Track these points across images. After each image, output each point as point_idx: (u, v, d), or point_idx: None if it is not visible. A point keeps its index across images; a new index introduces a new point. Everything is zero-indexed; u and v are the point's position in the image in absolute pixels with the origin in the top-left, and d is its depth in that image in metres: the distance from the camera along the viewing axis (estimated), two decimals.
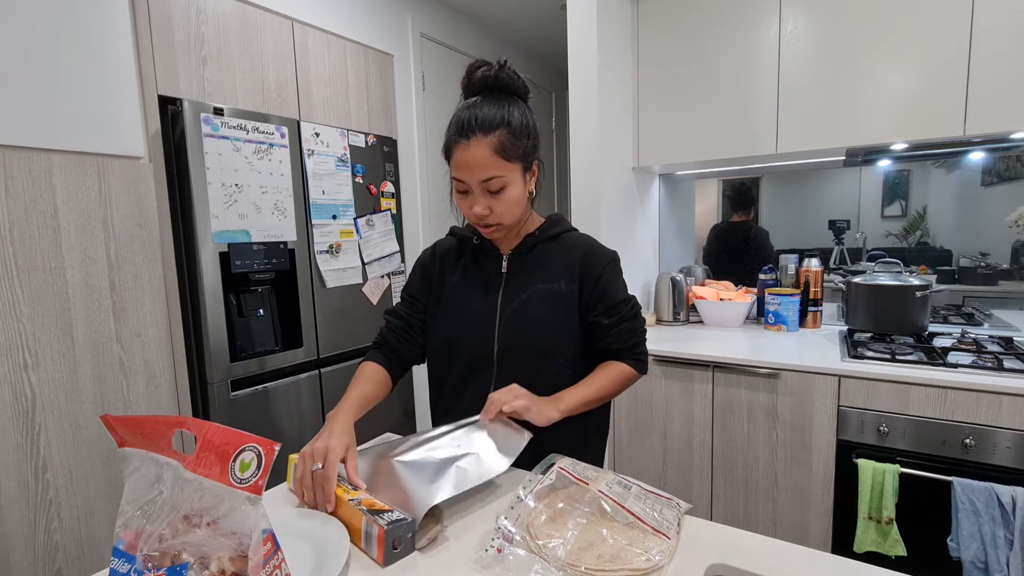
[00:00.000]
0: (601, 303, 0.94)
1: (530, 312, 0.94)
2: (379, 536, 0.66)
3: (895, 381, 1.40)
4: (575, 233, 1.01)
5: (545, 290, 0.94)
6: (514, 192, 0.88)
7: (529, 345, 0.93)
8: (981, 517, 1.26)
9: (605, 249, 0.99)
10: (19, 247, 1.25)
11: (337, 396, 1.99)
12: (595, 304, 0.94)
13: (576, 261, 0.96)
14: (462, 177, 0.87)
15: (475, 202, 0.87)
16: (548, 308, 0.94)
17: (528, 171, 0.91)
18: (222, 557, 0.52)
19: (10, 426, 1.25)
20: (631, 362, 0.97)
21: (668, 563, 0.65)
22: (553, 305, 0.94)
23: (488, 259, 1.00)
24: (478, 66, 0.90)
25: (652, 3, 1.98)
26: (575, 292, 0.95)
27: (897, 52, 1.59)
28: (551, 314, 0.94)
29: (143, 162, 1.48)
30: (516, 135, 0.86)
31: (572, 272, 0.95)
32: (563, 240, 0.98)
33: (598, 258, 0.96)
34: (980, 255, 1.80)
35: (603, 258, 0.96)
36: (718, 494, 1.71)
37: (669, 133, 2.01)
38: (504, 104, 0.87)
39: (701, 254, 2.37)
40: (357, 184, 2.03)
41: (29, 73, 1.25)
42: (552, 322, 0.94)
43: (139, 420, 0.54)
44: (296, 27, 1.89)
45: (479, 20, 2.84)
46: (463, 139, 0.85)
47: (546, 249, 0.97)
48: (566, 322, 0.94)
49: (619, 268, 0.99)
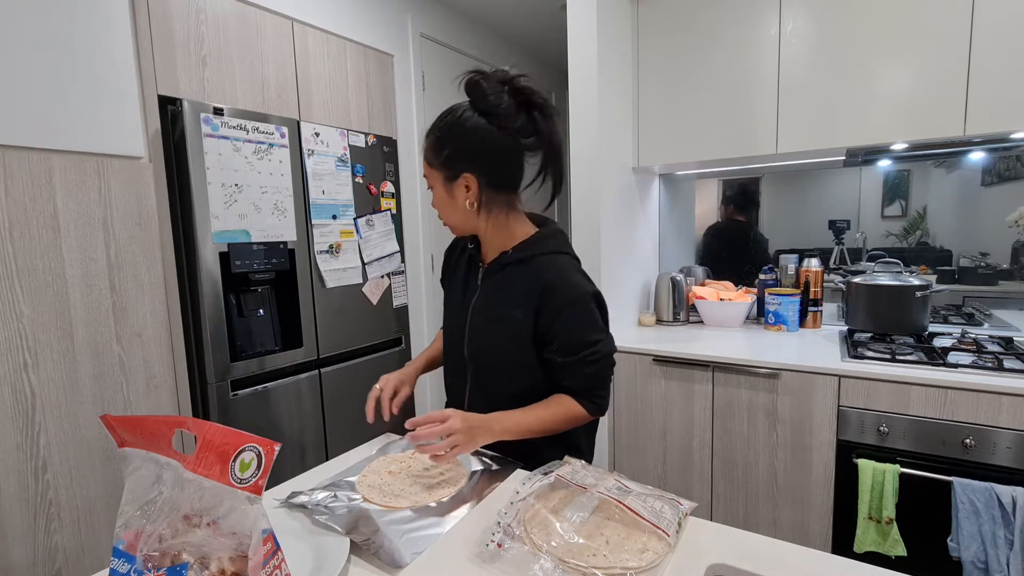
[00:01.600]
0: (556, 341, 0.90)
1: (488, 333, 0.95)
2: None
3: (895, 381, 1.40)
4: (549, 258, 0.93)
5: (504, 315, 0.93)
6: (437, 196, 0.94)
7: (488, 360, 0.96)
8: (981, 517, 1.26)
9: (573, 286, 0.91)
10: (19, 247, 1.25)
11: (337, 396, 2.00)
12: (550, 340, 0.91)
13: (536, 292, 0.90)
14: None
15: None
16: (503, 334, 0.93)
17: (451, 180, 0.90)
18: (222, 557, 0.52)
19: (10, 426, 1.25)
20: (584, 402, 0.92)
21: (667, 561, 0.65)
22: (509, 333, 0.92)
23: (474, 267, 1.02)
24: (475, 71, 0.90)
25: (652, 3, 1.98)
26: (529, 324, 0.91)
27: (897, 52, 1.59)
28: (504, 340, 0.93)
29: (143, 162, 1.48)
30: (439, 142, 0.90)
31: (530, 303, 0.90)
32: (533, 265, 0.92)
33: (559, 296, 0.89)
34: (980, 255, 1.80)
35: (563, 297, 0.89)
36: (718, 494, 1.71)
37: (669, 133, 2.01)
38: (452, 112, 0.89)
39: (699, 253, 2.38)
40: (357, 184, 2.03)
41: (29, 73, 1.25)
42: (505, 348, 0.93)
43: (139, 420, 0.54)
44: (296, 27, 1.89)
45: (479, 20, 2.84)
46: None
47: (515, 272, 0.93)
48: (518, 350, 0.92)
49: (585, 308, 0.91)
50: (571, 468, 0.82)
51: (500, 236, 0.96)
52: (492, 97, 0.86)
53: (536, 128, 0.89)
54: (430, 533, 0.73)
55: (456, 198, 0.92)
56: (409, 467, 0.92)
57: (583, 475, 0.79)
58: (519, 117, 0.87)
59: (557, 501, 0.75)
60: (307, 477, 0.93)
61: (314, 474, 0.94)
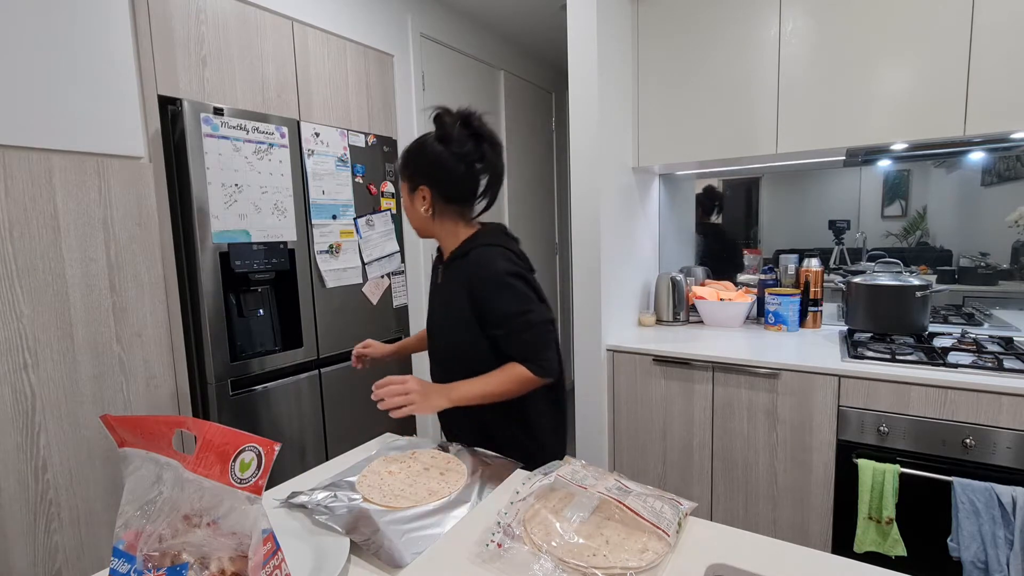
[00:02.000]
0: (490, 316, 1.04)
1: (438, 322, 1.15)
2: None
3: (895, 381, 1.40)
4: (480, 250, 1.08)
5: (451, 303, 1.09)
6: (404, 203, 1.14)
7: (440, 346, 1.14)
8: (981, 517, 1.26)
9: (490, 267, 1.05)
10: (19, 247, 1.25)
11: (337, 396, 2.00)
12: (487, 317, 1.05)
13: (468, 279, 1.06)
14: None
15: None
16: (450, 321, 1.10)
17: (412, 191, 1.10)
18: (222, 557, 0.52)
19: (10, 426, 1.25)
20: (530, 366, 1.03)
21: (667, 561, 0.65)
22: (454, 318, 1.09)
23: (439, 264, 1.19)
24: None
25: (652, 3, 1.98)
26: (467, 307, 1.06)
27: (897, 52, 1.59)
28: (452, 327, 1.10)
29: (143, 162, 1.48)
30: (405, 159, 1.11)
31: (465, 289, 1.06)
32: (469, 257, 1.08)
33: (481, 277, 1.04)
34: (980, 255, 1.80)
35: (484, 277, 1.04)
36: (718, 494, 1.71)
37: (669, 133, 2.01)
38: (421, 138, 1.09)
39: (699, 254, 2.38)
40: (357, 184, 2.03)
41: (29, 73, 1.25)
42: (454, 333, 1.10)
43: (139, 420, 0.54)
44: (296, 27, 1.89)
45: (479, 20, 2.84)
46: None
47: (459, 265, 1.09)
48: (468, 333, 1.07)
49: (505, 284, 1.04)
50: (571, 468, 0.82)
51: (449, 239, 1.13)
52: (449, 128, 1.05)
53: (483, 156, 1.07)
54: (430, 533, 0.73)
55: (416, 206, 1.11)
56: (409, 467, 0.92)
57: (583, 475, 0.79)
58: (467, 145, 1.05)
59: (557, 501, 0.75)
60: (307, 477, 0.93)
61: (314, 474, 0.94)
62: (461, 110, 1.07)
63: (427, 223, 1.13)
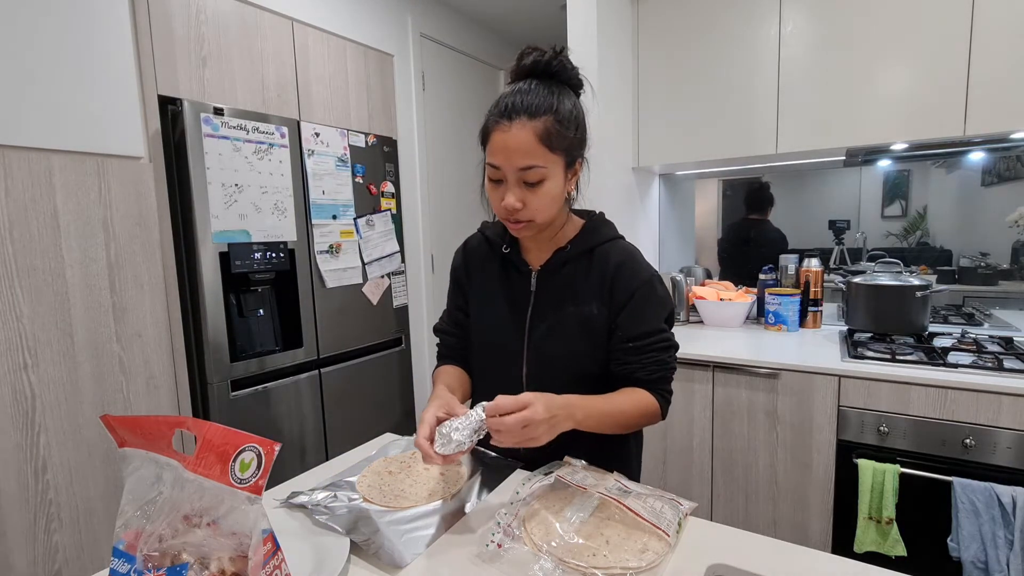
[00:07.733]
0: (627, 328, 0.86)
1: (558, 339, 0.87)
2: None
3: (895, 381, 1.40)
4: (613, 244, 0.90)
5: (576, 314, 0.87)
6: (552, 187, 0.80)
7: (558, 373, 0.87)
8: (981, 517, 1.26)
9: (642, 266, 0.88)
10: (19, 247, 1.25)
11: (337, 396, 2.00)
12: (621, 324, 0.86)
13: (608, 279, 0.86)
14: (498, 163, 0.78)
15: (508, 192, 0.79)
16: (580, 335, 0.87)
17: (570, 168, 0.83)
18: (222, 557, 0.52)
19: (10, 426, 1.25)
20: (657, 396, 0.87)
21: (667, 561, 0.65)
22: (586, 330, 0.87)
23: (517, 273, 0.93)
24: (530, 51, 0.81)
25: (652, 3, 1.98)
26: (604, 315, 0.86)
27: (897, 52, 1.59)
28: (583, 341, 0.87)
29: (143, 162, 1.48)
30: (563, 124, 0.78)
31: (604, 292, 0.86)
32: (597, 254, 0.88)
33: (631, 277, 0.86)
34: (980, 255, 1.80)
35: (636, 278, 0.86)
36: (718, 494, 1.71)
37: (669, 133, 2.01)
38: (555, 91, 0.79)
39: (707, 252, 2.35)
40: (357, 184, 2.03)
41: (29, 73, 1.25)
42: (584, 350, 0.87)
43: (139, 420, 0.54)
44: (296, 27, 1.89)
45: (479, 20, 2.84)
46: (505, 120, 0.76)
47: (577, 266, 0.88)
48: (590, 348, 0.87)
49: (655, 290, 0.87)
50: (571, 468, 0.82)
51: (565, 228, 0.90)
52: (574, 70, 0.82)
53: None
54: (430, 533, 0.73)
55: (566, 187, 0.83)
56: (409, 467, 0.92)
57: (583, 475, 0.79)
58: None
59: (557, 501, 0.75)
60: (307, 477, 0.93)
61: (314, 474, 0.94)
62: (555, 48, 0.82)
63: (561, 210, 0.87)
